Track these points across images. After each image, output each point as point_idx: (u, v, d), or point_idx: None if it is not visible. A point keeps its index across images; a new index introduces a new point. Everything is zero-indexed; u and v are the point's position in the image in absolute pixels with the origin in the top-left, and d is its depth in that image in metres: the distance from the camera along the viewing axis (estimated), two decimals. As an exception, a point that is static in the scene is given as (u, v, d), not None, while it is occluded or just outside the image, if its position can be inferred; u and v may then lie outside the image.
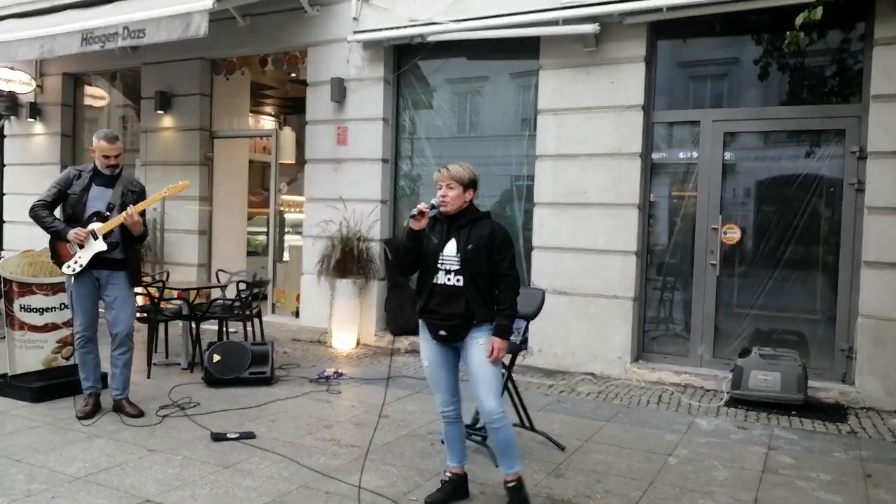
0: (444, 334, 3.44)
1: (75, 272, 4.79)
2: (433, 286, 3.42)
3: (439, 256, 3.42)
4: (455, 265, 3.38)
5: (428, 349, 3.56)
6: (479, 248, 3.38)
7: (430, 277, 3.43)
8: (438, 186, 3.47)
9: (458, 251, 3.39)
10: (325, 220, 7.68)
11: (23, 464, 4.00)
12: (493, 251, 3.39)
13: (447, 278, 3.39)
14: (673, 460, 4.34)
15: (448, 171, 3.45)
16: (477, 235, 3.40)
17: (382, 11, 7.49)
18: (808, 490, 3.91)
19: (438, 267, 3.41)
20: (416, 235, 3.45)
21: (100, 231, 4.77)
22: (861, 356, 5.67)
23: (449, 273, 3.39)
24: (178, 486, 3.75)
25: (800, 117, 6.10)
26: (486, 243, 3.39)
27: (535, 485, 3.86)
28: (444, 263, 3.40)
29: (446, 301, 3.39)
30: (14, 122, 10.57)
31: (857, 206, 5.83)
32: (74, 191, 4.83)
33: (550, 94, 6.79)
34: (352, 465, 4.10)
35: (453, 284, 3.38)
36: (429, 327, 3.51)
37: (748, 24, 6.24)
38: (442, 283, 3.40)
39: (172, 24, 6.62)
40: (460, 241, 3.41)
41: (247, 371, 5.84)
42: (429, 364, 3.57)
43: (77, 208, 4.83)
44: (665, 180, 6.67)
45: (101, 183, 4.89)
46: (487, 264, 3.39)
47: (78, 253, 4.79)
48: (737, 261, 6.35)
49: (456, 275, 3.38)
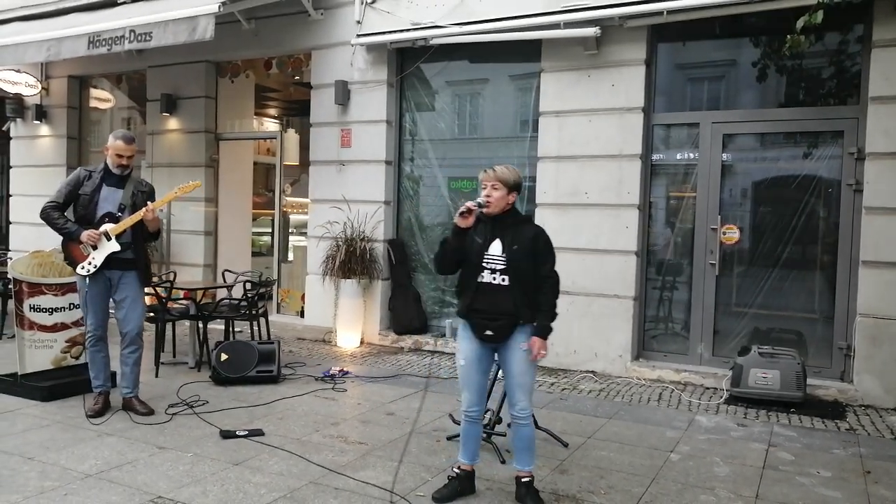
0: (491, 334, 3.48)
1: (90, 273, 4.85)
2: (478, 285, 3.47)
3: (484, 256, 3.47)
4: (500, 264, 3.44)
5: (467, 348, 3.59)
6: (524, 250, 3.46)
7: (475, 276, 3.48)
8: (483, 186, 3.53)
9: (503, 251, 3.46)
10: (330, 220, 7.76)
11: (35, 461, 4.08)
12: (537, 253, 3.49)
13: (492, 277, 3.45)
14: (675, 457, 4.42)
15: (494, 172, 3.51)
16: (521, 237, 3.49)
17: (385, 15, 7.57)
18: (809, 486, 3.99)
19: (484, 266, 3.46)
20: (463, 233, 3.49)
21: (113, 231, 4.84)
22: (859, 354, 5.75)
23: (494, 272, 3.45)
24: (190, 482, 3.82)
25: (798, 119, 6.18)
26: (531, 245, 3.49)
27: (540, 481, 3.93)
28: (489, 262, 3.46)
29: (492, 300, 3.44)
30: (20, 124, 10.66)
31: (854, 207, 5.91)
32: (85, 191, 4.89)
33: (552, 96, 6.88)
34: (359, 462, 4.18)
35: (499, 284, 3.44)
36: (473, 326, 3.54)
37: (747, 27, 6.32)
38: (487, 281, 3.45)
39: (179, 28, 6.70)
40: (505, 242, 3.47)
41: (254, 370, 5.92)
42: (465, 363, 3.60)
43: (88, 209, 4.89)
44: (665, 181, 6.74)
45: (111, 183, 4.95)
46: (531, 266, 3.47)
47: (92, 254, 4.85)
48: (736, 260, 6.43)
49: (501, 274, 3.44)
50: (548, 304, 3.50)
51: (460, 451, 3.73)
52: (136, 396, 5.06)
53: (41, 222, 4.99)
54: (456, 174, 7.83)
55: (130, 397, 5.05)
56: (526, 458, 3.60)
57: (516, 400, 3.54)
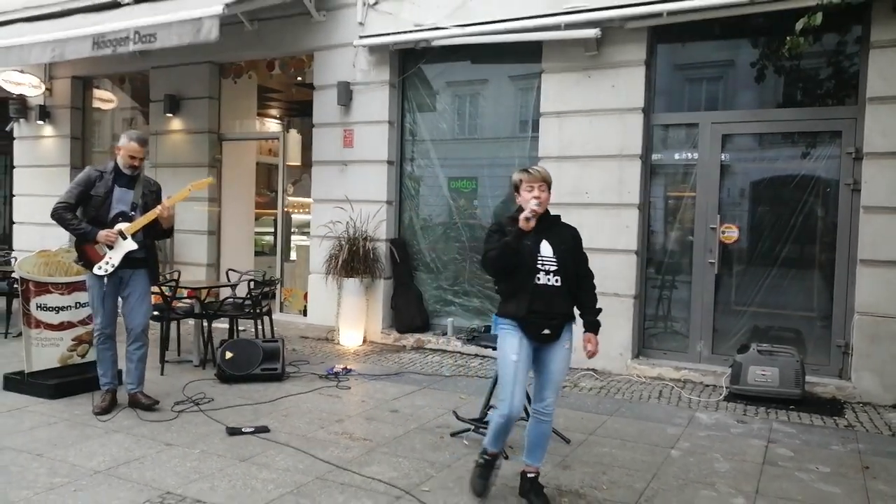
0: (548, 333, 3.52)
1: (108, 273, 4.89)
2: (534, 287, 3.48)
3: (538, 257, 3.50)
4: (553, 265, 3.50)
5: (518, 346, 3.53)
6: (570, 249, 3.58)
7: (530, 278, 3.48)
8: (528, 189, 3.54)
9: (553, 252, 3.52)
10: (332, 220, 7.82)
11: (44, 458, 4.13)
12: (578, 252, 3.64)
13: (547, 279, 3.49)
14: (675, 453, 4.48)
15: (541, 173, 3.57)
16: (564, 237, 3.61)
17: (387, 16, 7.63)
18: (808, 482, 4.05)
19: (539, 268, 3.48)
20: (525, 236, 3.43)
21: (128, 231, 4.90)
22: (857, 352, 5.81)
23: (549, 273, 3.49)
24: (197, 478, 3.88)
25: (797, 119, 6.24)
26: (573, 245, 3.63)
27: (543, 476, 3.96)
28: (543, 264, 3.50)
29: (549, 301, 3.49)
30: (24, 124, 10.72)
31: (852, 206, 5.97)
32: (98, 192, 4.93)
33: (553, 97, 6.93)
34: (364, 458, 4.24)
35: (553, 284, 3.49)
36: (529, 326, 3.50)
37: (746, 28, 6.38)
38: (543, 283, 3.48)
39: (184, 29, 6.76)
40: (552, 243, 3.54)
41: (258, 367, 5.98)
42: (517, 360, 3.53)
43: (101, 210, 4.93)
44: (664, 181, 6.80)
45: (122, 184, 5.01)
46: (574, 265, 3.59)
47: (108, 253, 4.90)
48: (735, 259, 6.49)
49: (554, 275, 3.50)
50: (595, 301, 3.68)
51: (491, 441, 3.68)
52: (141, 391, 5.12)
53: (45, 222, 5.05)
54: (457, 174, 7.89)
55: (136, 392, 5.11)
56: (538, 454, 3.65)
57: (546, 395, 3.59)
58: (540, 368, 3.62)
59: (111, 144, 10.61)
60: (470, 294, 7.77)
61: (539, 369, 3.63)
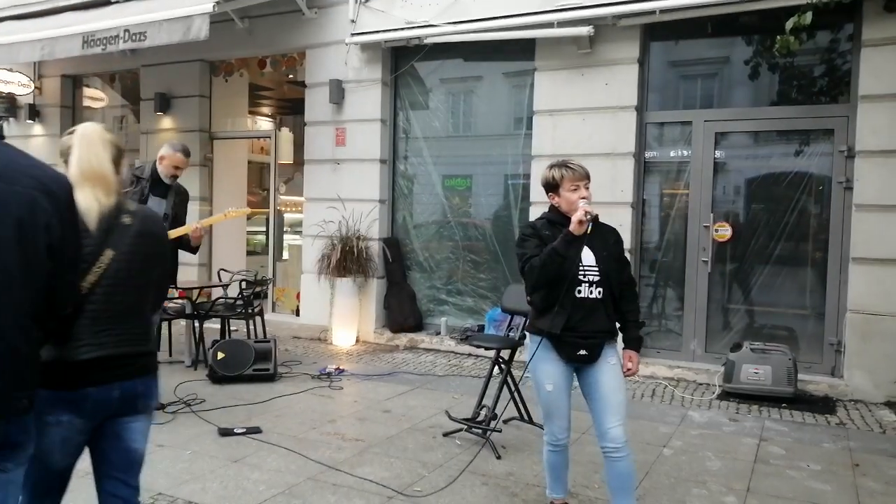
0: (585, 353, 3.06)
1: None
2: (574, 300, 3.03)
3: (579, 266, 3.04)
4: (596, 275, 3.05)
5: (554, 372, 3.12)
6: (612, 256, 3.11)
7: (571, 290, 3.03)
8: (572, 188, 3.09)
9: (596, 260, 3.07)
10: (325, 219, 7.79)
11: (35, 459, 4.10)
12: (620, 256, 3.17)
13: (589, 291, 3.05)
14: (667, 451, 4.48)
15: (584, 169, 3.14)
16: (606, 241, 3.13)
17: (379, 14, 7.60)
18: (799, 479, 4.05)
19: (580, 279, 3.03)
20: (576, 241, 2.99)
21: None
22: (849, 350, 5.82)
23: (591, 285, 3.05)
24: (189, 479, 3.86)
25: (789, 117, 6.25)
26: (616, 250, 3.16)
27: (535, 475, 3.99)
28: (585, 274, 3.04)
29: (588, 316, 3.04)
30: (13, 123, 10.63)
31: (845, 204, 5.98)
32: (132, 197, 4.90)
33: (546, 94, 6.93)
34: (356, 459, 4.22)
35: (594, 297, 3.05)
36: (564, 347, 3.07)
37: (739, 26, 6.38)
38: (584, 296, 3.04)
39: (173, 27, 6.72)
40: (594, 248, 3.08)
41: (250, 368, 5.95)
42: (553, 388, 3.12)
43: None
44: (658, 179, 6.80)
45: (157, 193, 5.09)
46: (617, 272, 3.12)
47: None
48: (728, 258, 6.49)
49: (597, 287, 3.05)
50: (638, 314, 3.20)
51: (550, 485, 3.37)
52: None
53: None
54: (450, 172, 7.87)
55: None
56: (626, 497, 3.05)
57: (607, 426, 3.01)
58: (590, 393, 3.12)
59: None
60: (463, 293, 7.75)
61: (589, 394, 3.13)
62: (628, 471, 3.04)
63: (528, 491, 3.80)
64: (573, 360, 3.10)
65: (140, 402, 2.30)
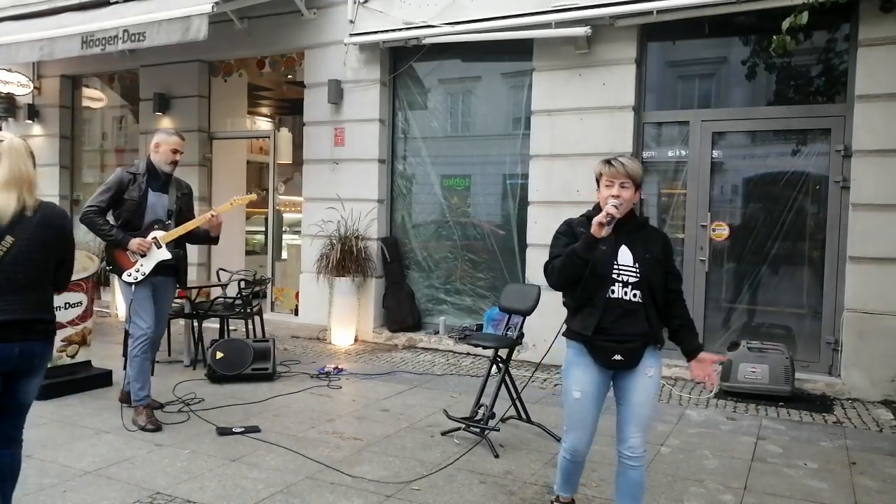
0: (621, 359, 2.92)
1: (137, 280, 4.75)
2: (607, 301, 2.90)
3: (614, 266, 2.92)
4: (633, 277, 2.90)
5: (585, 378, 2.99)
6: (657, 259, 2.94)
7: (602, 290, 2.90)
8: (607, 184, 2.94)
9: (634, 261, 2.92)
10: (324, 219, 7.81)
11: (33, 459, 4.10)
12: (668, 263, 3.01)
13: (623, 292, 2.89)
14: (665, 450, 4.50)
15: (624, 167, 2.92)
16: (651, 244, 2.97)
17: (378, 14, 7.62)
18: (796, 477, 4.07)
19: (614, 278, 2.90)
20: (598, 244, 2.86)
21: (163, 240, 4.78)
22: (846, 349, 5.84)
23: (627, 286, 2.90)
24: (187, 478, 3.87)
25: (786, 117, 6.26)
26: (662, 254, 2.98)
27: (533, 474, 4.00)
28: (620, 274, 2.91)
29: (623, 318, 2.90)
30: (12, 123, 10.64)
31: (842, 203, 6.00)
32: (132, 196, 4.76)
33: (544, 95, 6.94)
34: (354, 457, 4.23)
35: (630, 299, 2.89)
36: (597, 350, 2.94)
37: (736, 26, 6.40)
38: (618, 296, 2.90)
39: (172, 28, 6.74)
40: (635, 250, 2.94)
41: (249, 367, 5.96)
42: (582, 396, 3.00)
43: (136, 215, 4.77)
44: (655, 179, 6.82)
45: (157, 188, 4.85)
46: (662, 278, 2.95)
47: (140, 261, 4.75)
48: (725, 257, 6.51)
49: (633, 288, 2.90)
50: (688, 318, 3.02)
51: (560, 483, 3.32)
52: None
53: None
54: (449, 172, 7.89)
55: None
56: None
57: (628, 434, 2.96)
58: (619, 400, 3.04)
59: (101, 143, 10.57)
60: (462, 293, 7.77)
61: (619, 401, 3.04)
62: (640, 480, 3.00)
63: (526, 489, 3.82)
64: (609, 366, 2.96)
65: (36, 360, 2.92)
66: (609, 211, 2.80)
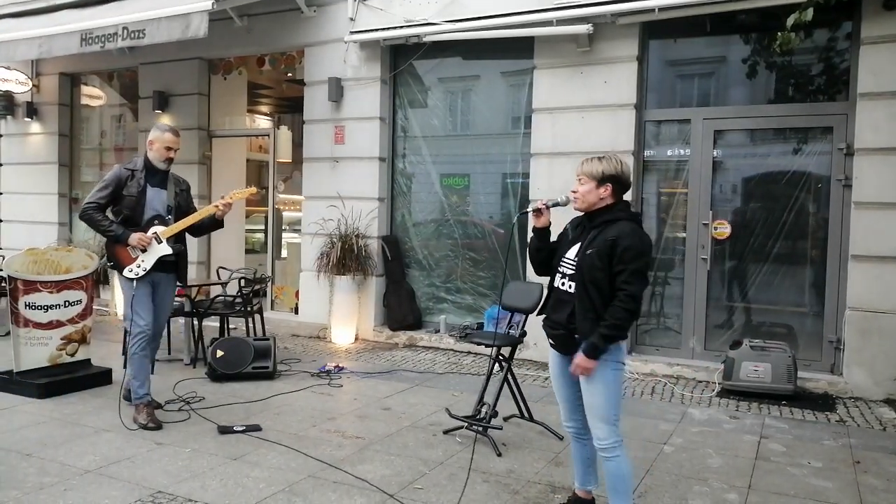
0: (553, 343, 3.24)
1: (138, 276, 4.75)
2: (552, 289, 3.20)
3: (562, 258, 3.16)
4: (570, 269, 3.08)
5: (551, 357, 3.31)
6: (599, 254, 2.97)
7: (552, 279, 3.19)
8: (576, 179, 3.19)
9: (576, 254, 3.08)
10: (324, 217, 7.78)
11: (34, 458, 4.08)
12: (614, 259, 2.96)
13: (562, 282, 3.13)
14: (668, 449, 4.48)
15: (581, 166, 3.16)
16: (601, 239, 3.00)
17: (378, 12, 7.59)
18: (801, 476, 4.05)
19: (558, 269, 3.16)
20: (540, 233, 3.23)
21: (163, 235, 4.79)
22: (849, 347, 5.82)
23: (564, 277, 3.11)
24: (188, 477, 3.84)
25: (788, 115, 6.25)
26: (608, 249, 2.96)
27: (536, 473, 3.98)
28: (563, 266, 3.13)
29: (556, 307, 3.16)
30: (10, 121, 10.60)
31: (844, 202, 5.98)
32: (131, 192, 4.77)
33: (545, 92, 6.92)
34: (356, 456, 4.21)
35: (566, 290, 3.10)
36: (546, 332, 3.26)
37: (737, 24, 6.39)
38: (558, 286, 3.15)
39: (172, 25, 6.70)
40: (584, 244, 3.07)
41: (249, 366, 5.93)
42: (551, 373, 3.34)
43: (136, 211, 4.78)
44: (657, 177, 6.80)
45: (155, 184, 4.86)
46: (605, 273, 2.96)
47: (140, 257, 4.76)
48: (727, 255, 6.49)
49: (570, 280, 3.08)
50: (611, 318, 2.93)
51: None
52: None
53: (32, 220, 4.96)
54: (449, 170, 7.87)
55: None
56: (618, 498, 3.10)
57: (591, 425, 3.10)
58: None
59: (99, 141, 10.54)
60: (462, 291, 7.75)
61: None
62: (617, 472, 3.06)
63: (530, 488, 3.80)
64: (558, 351, 3.24)
65: None
66: (537, 203, 3.27)
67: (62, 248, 6.11)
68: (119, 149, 10.34)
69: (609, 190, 3.10)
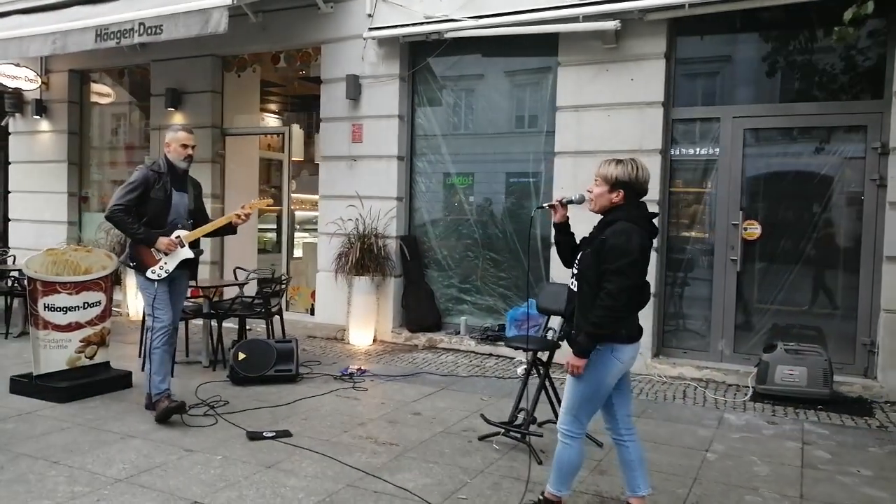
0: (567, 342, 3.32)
1: (161, 277, 4.85)
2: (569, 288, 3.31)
3: (577, 258, 3.28)
4: (576, 269, 3.23)
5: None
6: (593, 253, 3.09)
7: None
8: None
9: (580, 254, 3.24)
10: (342, 217, 7.65)
11: (61, 465, 3.97)
12: (601, 257, 3.04)
13: (571, 281, 3.26)
14: (711, 456, 4.36)
15: (599, 166, 3.23)
16: (598, 240, 3.11)
17: (397, 8, 7.46)
18: (853, 486, 3.93)
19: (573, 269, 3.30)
20: (559, 227, 3.36)
21: (187, 239, 4.91)
22: (884, 350, 5.70)
23: (573, 276, 3.26)
24: (224, 486, 3.72)
25: (820, 113, 6.13)
26: (597, 247, 3.07)
27: (581, 482, 3.86)
28: (574, 265, 3.27)
29: (567, 305, 3.32)
30: (19, 119, 10.46)
31: (878, 202, 5.87)
32: (158, 196, 4.84)
33: (570, 90, 6.79)
34: (394, 464, 4.09)
35: (572, 289, 3.25)
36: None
37: (768, 21, 6.26)
38: (569, 285, 3.30)
39: (191, 20, 6.57)
40: (587, 245, 3.22)
41: (272, 369, 5.81)
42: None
43: (161, 215, 4.86)
44: (685, 177, 6.68)
45: (178, 188, 4.95)
46: (595, 272, 3.06)
47: (164, 259, 4.86)
48: (757, 256, 6.37)
49: (574, 278, 3.23)
50: (592, 316, 3.02)
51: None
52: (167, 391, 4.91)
53: (41, 219, 4.92)
54: (468, 169, 7.74)
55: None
56: (553, 478, 3.29)
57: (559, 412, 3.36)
58: None
59: (110, 139, 10.40)
60: (483, 292, 7.62)
61: None
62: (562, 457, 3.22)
63: (577, 498, 3.68)
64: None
65: None
66: (555, 199, 3.37)
67: (81, 248, 5.98)
68: (130, 147, 10.20)
69: (621, 195, 3.15)
